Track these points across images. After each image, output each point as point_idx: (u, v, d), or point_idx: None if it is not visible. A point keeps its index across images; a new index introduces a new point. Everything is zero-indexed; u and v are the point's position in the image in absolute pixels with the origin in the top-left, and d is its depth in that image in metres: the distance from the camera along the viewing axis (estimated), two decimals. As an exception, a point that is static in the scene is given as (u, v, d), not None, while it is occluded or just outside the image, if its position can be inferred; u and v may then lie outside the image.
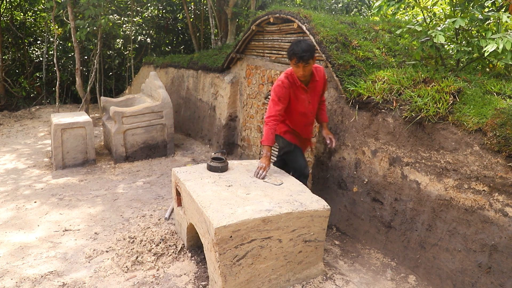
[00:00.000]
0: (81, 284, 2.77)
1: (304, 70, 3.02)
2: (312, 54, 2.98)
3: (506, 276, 2.27)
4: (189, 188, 2.83)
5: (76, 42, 8.00)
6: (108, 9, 9.48)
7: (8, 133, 7.66)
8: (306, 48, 2.94)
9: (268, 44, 4.97)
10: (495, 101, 2.65)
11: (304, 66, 3.00)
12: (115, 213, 3.97)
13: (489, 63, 3.57)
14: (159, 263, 3.00)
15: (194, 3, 11.22)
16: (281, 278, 2.63)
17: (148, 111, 5.78)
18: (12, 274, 2.88)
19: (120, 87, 12.74)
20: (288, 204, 2.58)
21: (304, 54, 2.93)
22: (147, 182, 4.91)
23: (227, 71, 6.08)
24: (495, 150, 2.38)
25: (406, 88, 3.11)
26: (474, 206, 2.49)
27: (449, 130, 2.68)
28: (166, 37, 12.34)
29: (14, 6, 11.51)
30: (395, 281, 2.80)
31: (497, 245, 2.33)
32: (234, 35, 8.35)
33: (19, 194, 4.49)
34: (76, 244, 3.35)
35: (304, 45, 2.95)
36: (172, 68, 8.19)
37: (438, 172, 2.74)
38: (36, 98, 11.67)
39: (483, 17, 3.21)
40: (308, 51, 2.94)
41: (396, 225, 3.06)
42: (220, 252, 2.32)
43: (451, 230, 2.62)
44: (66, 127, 5.31)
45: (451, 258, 2.60)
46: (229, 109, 5.95)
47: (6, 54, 11.62)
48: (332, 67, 3.64)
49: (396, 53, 4.11)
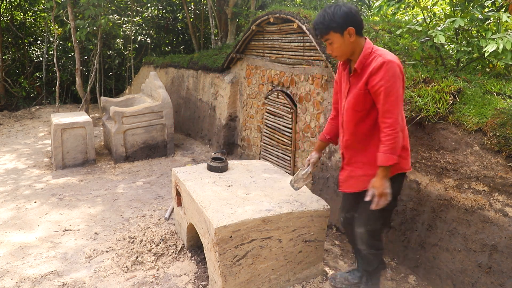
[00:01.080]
0: (81, 284, 2.77)
1: (328, 47, 2.19)
2: (326, 28, 2.09)
3: (506, 276, 2.27)
4: (189, 188, 2.83)
5: (76, 42, 7.99)
6: (108, 9, 9.48)
7: (8, 133, 7.66)
8: (320, 20, 2.11)
9: (268, 44, 4.97)
10: (495, 101, 2.65)
11: (326, 42, 2.17)
12: (115, 213, 3.97)
13: (489, 63, 3.56)
14: (159, 263, 3.00)
15: (194, 3, 11.21)
16: (281, 278, 2.63)
17: (148, 111, 5.79)
18: (12, 274, 2.88)
19: (120, 87, 12.73)
20: (288, 204, 2.58)
21: (317, 28, 2.15)
22: (147, 182, 4.91)
23: (227, 71, 6.08)
24: (495, 150, 2.38)
25: (406, 88, 3.11)
26: (474, 206, 2.49)
27: (449, 130, 2.68)
28: (166, 37, 12.34)
29: (14, 6, 11.50)
30: (395, 281, 2.80)
31: (497, 245, 2.33)
32: (234, 35, 8.34)
33: (19, 194, 4.49)
34: (76, 244, 3.35)
35: (320, 16, 2.12)
36: (172, 68, 8.19)
37: (438, 172, 2.74)
38: (36, 98, 11.66)
39: (483, 17, 3.21)
40: (321, 24, 2.11)
41: (396, 225, 3.06)
42: (220, 252, 2.32)
43: (451, 230, 2.62)
44: (66, 127, 5.31)
45: (451, 258, 2.60)
46: (229, 109, 5.95)
47: (6, 54, 11.61)
48: (332, 67, 3.64)
49: (396, 53, 4.10)
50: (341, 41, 2.11)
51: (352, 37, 2.10)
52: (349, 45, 2.12)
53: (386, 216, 2.40)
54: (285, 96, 4.54)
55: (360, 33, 2.13)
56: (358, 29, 2.10)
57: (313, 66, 4.12)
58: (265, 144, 5.13)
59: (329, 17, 2.07)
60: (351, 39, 2.10)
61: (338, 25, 2.07)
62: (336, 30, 2.08)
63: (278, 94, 4.70)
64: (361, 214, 2.31)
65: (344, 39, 2.10)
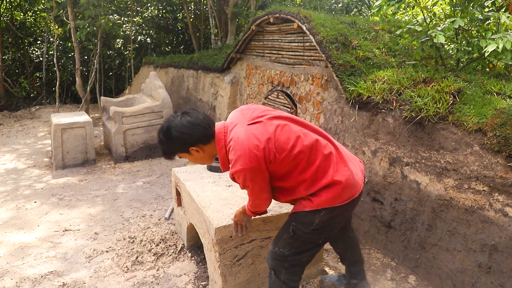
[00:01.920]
0: (81, 284, 2.77)
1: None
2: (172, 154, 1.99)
3: (506, 276, 2.27)
4: (189, 188, 2.83)
5: (76, 42, 8.00)
6: (108, 9, 9.48)
7: (8, 133, 7.66)
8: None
9: (268, 44, 4.97)
10: (495, 101, 2.65)
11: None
12: (115, 213, 3.97)
13: (489, 63, 3.56)
14: (159, 263, 3.00)
15: (194, 3, 11.22)
16: (281, 278, 2.63)
17: (148, 111, 5.79)
18: (12, 274, 2.88)
19: (120, 87, 12.73)
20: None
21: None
22: (147, 182, 4.91)
23: (227, 71, 6.08)
24: (495, 150, 2.37)
25: (406, 88, 3.11)
26: (474, 206, 2.49)
27: (449, 130, 2.68)
28: (166, 37, 12.34)
29: (14, 6, 11.51)
30: (395, 281, 2.80)
31: (497, 245, 2.33)
32: (234, 35, 8.35)
33: (19, 194, 4.49)
34: (76, 244, 3.35)
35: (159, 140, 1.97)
36: (172, 68, 8.19)
37: (438, 172, 2.74)
38: (36, 98, 11.67)
39: (483, 17, 3.21)
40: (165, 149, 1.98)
41: (396, 225, 3.06)
42: (220, 252, 2.32)
43: (451, 230, 2.62)
44: (66, 127, 5.31)
45: (451, 258, 2.60)
46: (229, 109, 5.95)
47: (6, 54, 11.62)
48: (332, 67, 3.64)
49: (396, 53, 4.10)
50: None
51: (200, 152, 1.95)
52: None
53: (303, 250, 2.05)
54: (285, 96, 4.54)
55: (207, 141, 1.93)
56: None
57: (313, 66, 4.12)
58: (265, 144, 5.12)
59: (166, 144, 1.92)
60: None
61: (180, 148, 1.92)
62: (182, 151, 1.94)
63: (278, 94, 4.70)
64: (278, 232, 2.15)
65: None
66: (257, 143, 1.79)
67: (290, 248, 2.03)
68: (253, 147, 1.78)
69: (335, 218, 1.98)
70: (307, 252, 2.06)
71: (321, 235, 2.02)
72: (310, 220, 1.94)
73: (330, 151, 1.95)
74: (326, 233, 2.03)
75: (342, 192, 1.91)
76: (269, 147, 1.81)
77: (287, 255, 2.04)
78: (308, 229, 1.95)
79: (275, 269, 2.10)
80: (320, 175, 1.90)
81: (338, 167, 1.93)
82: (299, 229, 1.97)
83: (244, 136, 1.81)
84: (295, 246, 2.03)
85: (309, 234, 1.97)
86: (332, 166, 1.92)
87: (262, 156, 1.79)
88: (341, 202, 1.93)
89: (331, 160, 1.93)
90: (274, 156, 1.82)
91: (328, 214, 1.93)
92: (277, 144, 1.84)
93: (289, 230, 2.01)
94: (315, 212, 1.92)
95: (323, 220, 1.94)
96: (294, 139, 1.87)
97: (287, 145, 1.85)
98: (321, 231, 1.99)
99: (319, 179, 1.90)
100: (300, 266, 2.11)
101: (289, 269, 2.07)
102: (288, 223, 2.05)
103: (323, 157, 1.91)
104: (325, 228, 1.98)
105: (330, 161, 1.93)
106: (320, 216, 1.92)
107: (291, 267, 2.07)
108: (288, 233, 2.01)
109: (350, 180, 1.95)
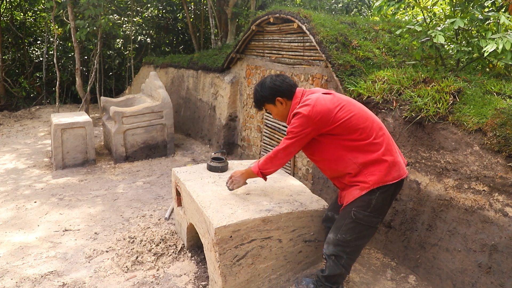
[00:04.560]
0: (81, 284, 2.77)
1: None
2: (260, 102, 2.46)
3: (506, 276, 2.27)
4: (189, 188, 2.83)
5: (76, 42, 8.00)
6: (108, 9, 9.48)
7: (8, 133, 7.66)
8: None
9: (268, 44, 4.97)
10: (495, 101, 2.65)
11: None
12: (115, 213, 3.97)
13: (489, 63, 3.57)
14: (159, 263, 3.00)
15: (194, 3, 11.22)
16: (281, 278, 2.63)
17: (148, 111, 5.79)
18: (12, 274, 2.88)
19: (120, 87, 12.73)
20: (288, 204, 2.58)
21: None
22: (147, 182, 4.91)
23: (227, 71, 6.08)
24: (495, 150, 2.38)
25: (406, 88, 3.11)
26: (474, 206, 2.49)
27: (449, 130, 2.68)
28: (166, 37, 12.34)
29: (14, 6, 11.51)
30: (395, 281, 2.80)
31: (497, 245, 2.33)
32: (234, 35, 8.35)
33: (19, 194, 4.49)
34: (76, 244, 3.35)
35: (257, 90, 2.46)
36: (172, 68, 8.19)
37: (438, 172, 2.74)
38: (36, 98, 11.66)
39: (483, 17, 3.21)
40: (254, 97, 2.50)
41: (396, 225, 3.06)
42: (220, 252, 2.32)
43: (451, 230, 2.62)
44: (66, 127, 5.31)
45: (451, 258, 2.60)
46: (229, 109, 5.95)
47: (6, 54, 11.61)
48: (332, 67, 3.64)
49: (396, 53, 4.11)
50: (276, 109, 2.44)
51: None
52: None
53: (364, 235, 2.29)
54: (285, 96, 4.53)
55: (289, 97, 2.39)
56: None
57: (313, 66, 4.12)
58: (265, 144, 5.13)
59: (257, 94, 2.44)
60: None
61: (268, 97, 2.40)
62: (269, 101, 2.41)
63: (278, 94, 4.69)
64: (336, 221, 2.37)
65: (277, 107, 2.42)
66: (326, 104, 2.20)
67: (352, 233, 2.25)
68: (320, 105, 2.19)
69: (387, 199, 2.24)
70: (366, 237, 2.32)
71: (378, 218, 2.26)
72: (367, 203, 2.20)
73: (383, 134, 2.24)
74: (381, 216, 2.27)
75: (391, 169, 2.18)
76: (333, 110, 2.20)
77: (349, 241, 2.27)
78: (367, 211, 2.20)
79: (336, 255, 2.32)
80: (370, 150, 2.19)
81: (387, 149, 2.21)
82: (359, 213, 2.21)
83: (317, 96, 2.26)
84: (356, 231, 2.25)
85: (368, 216, 2.21)
86: (384, 146, 2.20)
87: (325, 113, 2.18)
88: (392, 179, 2.18)
89: (383, 141, 2.21)
90: (333, 119, 2.18)
91: (382, 195, 2.19)
92: (338, 114, 2.19)
93: (350, 215, 2.24)
94: (370, 193, 2.18)
95: (379, 201, 2.19)
96: (354, 113, 2.22)
97: (349, 113, 2.20)
98: (378, 213, 2.23)
99: (369, 152, 2.18)
100: (358, 251, 2.38)
101: (350, 254, 2.32)
102: (347, 211, 2.27)
103: (376, 137, 2.20)
104: (381, 209, 2.24)
105: (382, 142, 2.21)
106: (376, 197, 2.18)
107: (352, 252, 2.32)
108: (349, 218, 2.24)
109: (397, 161, 2.22)
